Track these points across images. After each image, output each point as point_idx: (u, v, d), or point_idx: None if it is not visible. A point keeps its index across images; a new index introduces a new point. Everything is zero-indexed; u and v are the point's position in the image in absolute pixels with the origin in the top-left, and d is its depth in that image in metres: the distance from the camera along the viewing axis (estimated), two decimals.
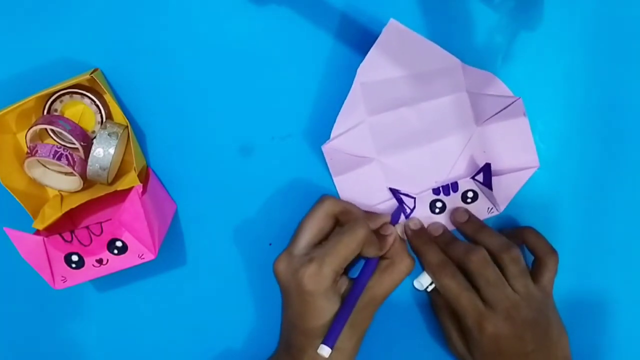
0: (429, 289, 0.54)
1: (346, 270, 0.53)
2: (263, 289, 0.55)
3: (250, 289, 0.55)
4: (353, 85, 0.52)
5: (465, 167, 0.55)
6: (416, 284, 0.54)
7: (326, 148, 0.53)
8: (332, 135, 0.53)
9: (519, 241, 0.53)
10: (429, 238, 0.54)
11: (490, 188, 0.53)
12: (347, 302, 0.49)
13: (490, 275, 0.50)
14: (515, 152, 0.54)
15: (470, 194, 0.55)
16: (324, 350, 0.47)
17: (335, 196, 0.54)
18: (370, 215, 0.53)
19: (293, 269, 0.49)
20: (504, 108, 0.53)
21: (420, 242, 0.54)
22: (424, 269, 0.54)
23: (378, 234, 0.52)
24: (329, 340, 0.48)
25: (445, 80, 0.53)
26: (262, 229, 0.55)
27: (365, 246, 0.49)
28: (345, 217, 0.51)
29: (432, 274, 0.53)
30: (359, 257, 0.51)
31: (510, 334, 0.49)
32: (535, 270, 0.52)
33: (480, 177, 0.53)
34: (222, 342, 0.56)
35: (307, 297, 0.48)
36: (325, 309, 0.48)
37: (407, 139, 0.54)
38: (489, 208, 0.55)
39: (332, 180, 0.54)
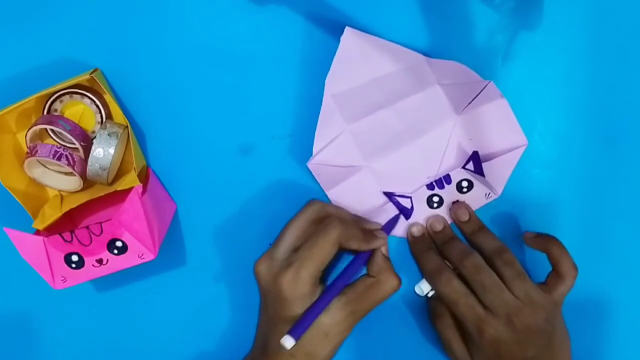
0: (429, 295, 0.54)
1: (324, 280, 0.52)
2: None
3: (250, 289, 0.55)
4: (324, 99, 0.52)
5: (455, 158, 0.54)
6: (417, 289, 0.54)
7: (311, 165, 0.53)
8: (314, 151, 0.52)
9: (541, 248, 0.52)
10: (429, 246, 0.54)
11: (482, 175, 0.53)
12: (323, 296, 0.48)
13: (486, 280, 0.50)
14: (501, 134, 0.53)
15: (464, 184, 0.54)
16: (287, 342, 0.46)
17: (323, 200, 0.53)
18: (359, 218, 0.53)
19: (273, 274, 0.49)
20: (479, 93, 0.52)
21: (418, 250, 0.54)
22: (423, 276, 0.54)
23: (368, 231, 0.51)
24: (295, 331, 0.46)
25: (414, 77, 0.53)
26: (262, 229, 0.55)
27: (346, 240, 0.49)
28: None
29: (430, 281, 0.52)
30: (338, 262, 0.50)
31: (510, 338, 0.49)
32: (550, 281, 0.51)
33: (470, 166, 0.53)
34: (221, 342, 0.56)
35: (285, 303, 0.48)
36: (301, 315, 0.48)
37: (391, 141, 0.53)
38: (486, 193, 0.55)
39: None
